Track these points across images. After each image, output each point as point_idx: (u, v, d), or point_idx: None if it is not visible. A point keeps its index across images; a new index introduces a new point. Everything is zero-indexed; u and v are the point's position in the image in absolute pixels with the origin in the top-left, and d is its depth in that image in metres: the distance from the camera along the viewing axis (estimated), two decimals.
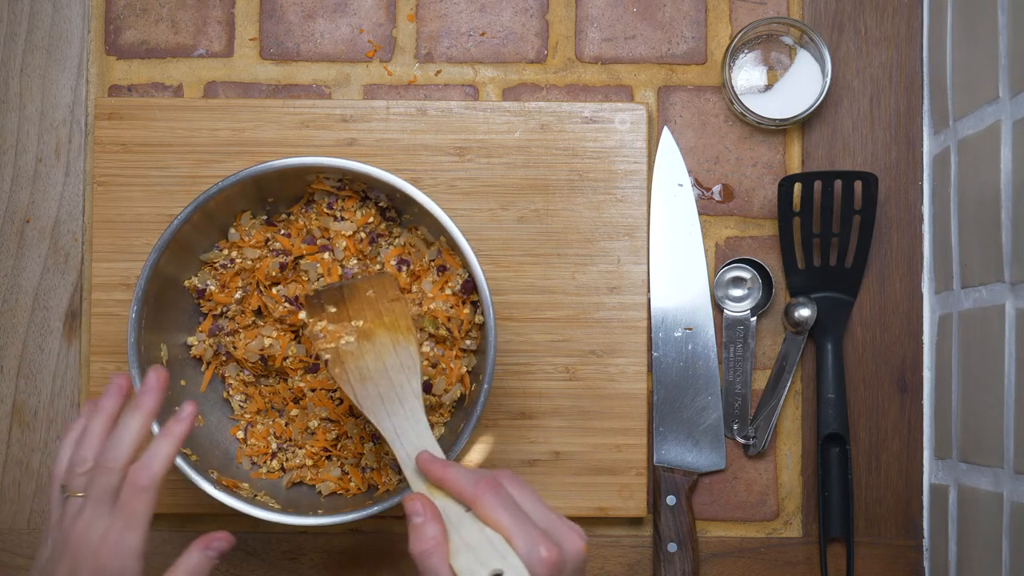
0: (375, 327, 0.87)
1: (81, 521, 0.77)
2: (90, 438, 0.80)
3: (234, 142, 1.01)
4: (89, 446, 0.79)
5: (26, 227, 1.03)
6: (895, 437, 1.02)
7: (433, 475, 0.77)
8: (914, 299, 1.03)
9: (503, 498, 0.74)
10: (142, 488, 0.77)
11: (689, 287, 1.02)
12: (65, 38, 1.04)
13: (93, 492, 0.77)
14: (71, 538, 0.77)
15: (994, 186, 0.88)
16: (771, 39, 1.03)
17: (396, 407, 0.83)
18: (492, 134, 1.01)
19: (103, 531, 0.76)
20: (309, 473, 0.96)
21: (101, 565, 0.76)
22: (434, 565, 0.73)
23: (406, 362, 0.85)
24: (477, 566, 0.72)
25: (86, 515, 0.77)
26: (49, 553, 0.78)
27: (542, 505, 0.76)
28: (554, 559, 0.72)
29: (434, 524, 0.74)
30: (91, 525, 0.76)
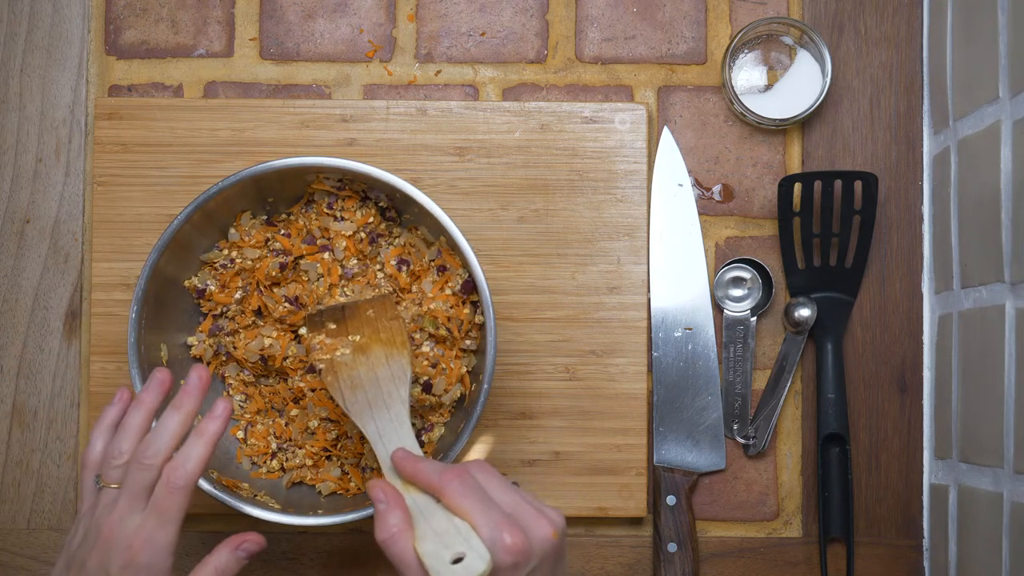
0: (371, 342, 0.88)
1: (116, 513, 0.78)
2: (128, 431, 0.81)
3: (234, 142, 1.01)
4: (126, 439, 0.80)
5: (26, 227, 1.03)
6: (895, 437, 1.02)
7: (406, 470, 0.78)
8: (914, 299, 1.03)
9: (468, 486, 0.75)
10: (177, 488, 0.78)
11: (689, 287, 1.02)
12: (65, 38, 1.04)
13: (129, 486, 0.78)
14: (104, 529, 0.77)
15: (994, 186, 0.88)
16: (771, 39, 1.03)
17: (382, 412, 0.84)
18: (492, 134, 1.01)
19: (137, 526, 0.77)
20: (309, 473, 0.96)
21: (133, 559, 0.77)
22: (399, 551, 0.74)
23: (397, 373, 0.86)
24: (441, 549, 0.73)
25: (120, 508, 0.78)
26: (80, 540, 0.79)
27: (512, 491, 0.76)
28: (518, 545, 0.72)
29: (397, 511, 0.75)
30: (125, 518, 0.77)
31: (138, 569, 0.77)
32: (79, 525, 0.80)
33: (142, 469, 0.78)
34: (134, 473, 0.78)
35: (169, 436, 0.79)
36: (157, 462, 0.78)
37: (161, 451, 0.79)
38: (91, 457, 0.82)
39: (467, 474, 0.76)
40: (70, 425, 1.02)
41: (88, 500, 0.81)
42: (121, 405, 0.84)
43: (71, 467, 1.02)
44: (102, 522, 0.78)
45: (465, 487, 0.75)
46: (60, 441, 1.02)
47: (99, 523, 0.78)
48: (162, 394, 0.83)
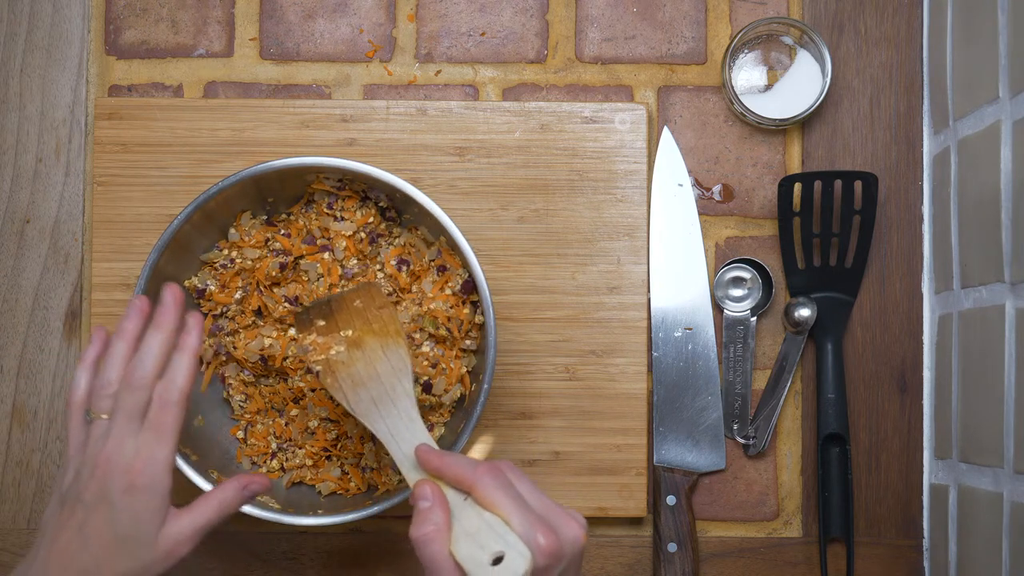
0: (364, 335, 0.87)
1: (111, 441, 0.77)
2: (113, 359, 0.80)
3: (234, 142, 1.01)
4: (113, 367, 0.80)
5: (26, 227, 1.03)
6: (895, 437, 1.02)
7: (431, 464, 0.77)
8: (914, 299, 1.03)
9: (502, 481, 0.74)
10: (171, 402, 0.78)
11: (689, 287, 1.02)
12: (65, 38, 1.04)
13: (122, 411, 0.78)
14: (100, 458, 0.77)
15: (994, 186, 0.88)
16: (771, 39, 1.03)
17: (390, 409, 0.83)
18: (492, 134, 1.01)
19: (135, 447, 0.77)
20: (309, 473, 0.96)
21: (133, 481, 0.76)
22: (434, 552, 0.72)
23: (397, 365, 0.85)
24: (477, 551, 0.71)
25: (115, 434, 0.77)
26: (73, 476, 0.78)
27: (540, 493, 0.75)
28: (552, 547, 0.71)
29: (440, 511, 0.74)
30: (122, 443, 0.77)
31: (140, 490, 0.76)
32: (70, 464, 0.79)
33: (133, 391, 0.78)
34: (125, 397, 0.78)
35: (154, 356, 0.79)
36: (147, 382, 0.78)
37: (149, 371, 0.78)
38: (76, 395, 0.81)
39: (499, 470, 0.75)
40: None
41: (76, 438, 0.80)
42: (99, 344, 0.83)
43: None
44: (97, 452, 0.77)
45: (498, 482, 0.73)
46: (60, 441, 1.02)
47: (94, 455, 0.77)
48: (142, 321, 0.82)
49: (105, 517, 0.76)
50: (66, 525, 0.77)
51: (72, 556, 0.76)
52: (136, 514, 0.76)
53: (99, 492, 0.76)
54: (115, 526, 0.76)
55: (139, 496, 0.76)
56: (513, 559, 0.70)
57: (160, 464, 0.77)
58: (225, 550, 1.02)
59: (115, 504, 0.76)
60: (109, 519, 0.76)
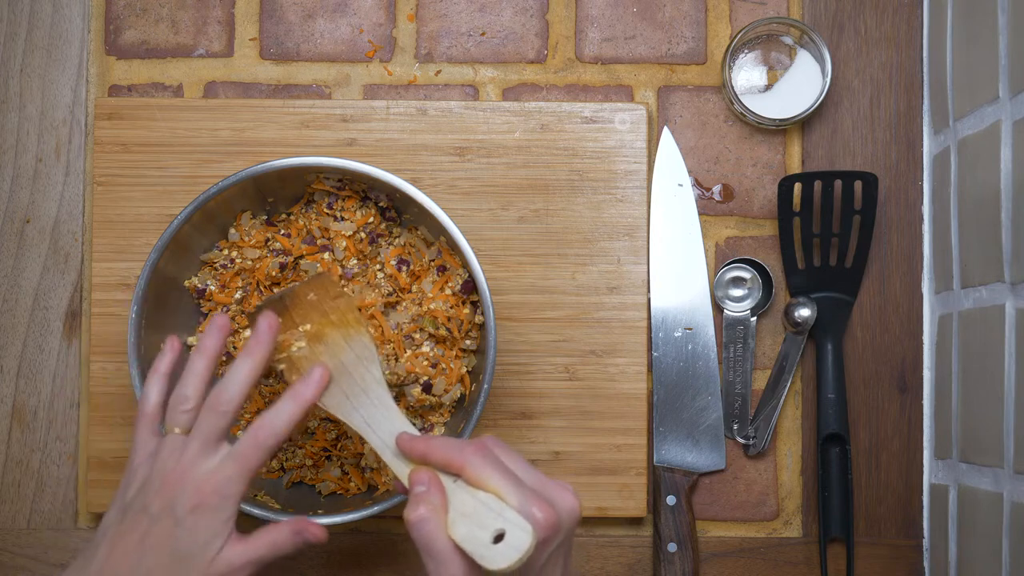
0: (323, 327, 0.85)
1: (186, 458, 0.77)
2: (192, 377, 0.80)
3: (234, 142, 1.01)
4: (191, 385, 0.80)
5: (26, 227, 1.03)
6: (895, 437, 1.02)
7: (416, 450, 0.76)
8: (914, 299, 1.03)
9: (491, 459, 0.73)
10: (264, 446, 0.78)
11: (689, 287, 1.02)
12: (65, 38, 1.04)
13: (201, 432, 0.78)
14: (173, 473, 0.77)
15: (994, 186, 0.88)
16: (771, 39, 1.03)
17: (362, 399, 0.82)
18: (492, 134, 1.01)
19: (211, 470, 0.77)
20: (309, 473, 0.96)
21: (203, 501, 0.76)
22: (429, 532, 0.71)
23: (362, 353, 0.84)
24: (477, 531, 0.71)
25: (191, 452, 0.77)
26: (139, 487, 0.78)
27: (529, 467, 0.74)
28: (551, 519, 0.70)
29: (435, 494, 0.73)
30: (196, 463, 0.77)
31: (207, 510, 0.76)
32: (135, 474, 0.79)
33: (216, 416, 0.78)
34: (208, 420, 0.78)
35: (241, 383, 0.79)
36: (231, 408, 0.78)
37: (235, 398, 0.78)
38: (148, 407, 0.81)
39: (486, 447, 0.74)
40: (70, 425, 1.02)
41: (144, 449, 0.80)
42: (173, 354, 0.83)
43: (71, 467, 1.02)
44: (169, 466, 0.77)
45: (488, 460, 0.73)
46: (60, 441, 1.02)
47: (164, 467, 0.77)
48: (223, 340, 0.82)
49: (168, 531, 0.76)
50: (127, 534, 0.77)
51: (129, 566, 0.76)
52: (198, 534, 0.76)
53: (166, 506, 0.76)
54: (176, 542, 0.76)
55: (205, 516, 0.76)
56: (516, 535, 0.69)
57: (233, 492, 0.77)
58: None
59: (180, 520, 0.76)
60: (171, 534, 0.76)
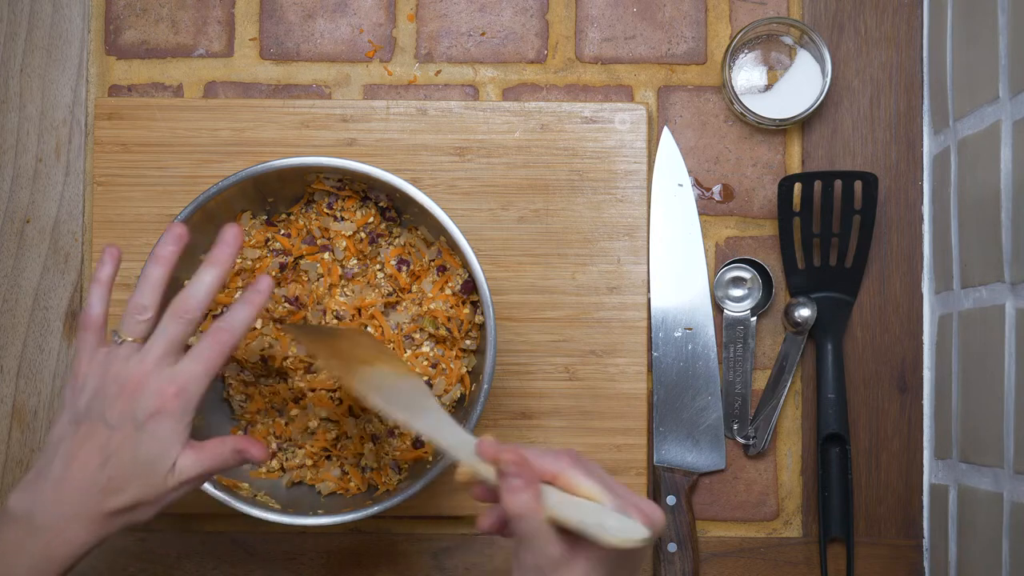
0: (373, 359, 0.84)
1: (145, 364, 0.77)
2: (148, 284, 0.80)
3: (234, 142, 1.01)
4: (147, 294, 0.79)
5: (26, 227, 1.03)
6: (895, 437, 1.02)
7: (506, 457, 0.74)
8: (914, 299, 1.03)
9: (587, 468, 0.74)
10: (224, 343, 0.78)
11: (689, 287, 1.02)
12: (65, 38, 1.04)
13: (163, 337, 0.78)
14: (130, 380, 0.77)
15: (994, 186, 0.88)
16: (771, 39, 1.03)
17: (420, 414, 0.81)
18: (492, 134, 1.01)
19: (171, 374, 0.77)
20: (309, 473, 0.96)
21: (164, 406, 0.76)
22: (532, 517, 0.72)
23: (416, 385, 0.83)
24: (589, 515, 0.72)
25: (151, 358, 0.77)
26: (92, 394, 0.78)
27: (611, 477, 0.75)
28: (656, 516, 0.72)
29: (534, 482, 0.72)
30: (158, 368, 0.77)
31: (169, 415, 0.76)
32: (84, 383, 0.78)
33: (181, 323, 0.78)
34: (171, 326, 0.78)
35: (207, 290, 0.79)
36: (196, 316, 0.78)
37: (200, 305, 0.78)
38: (93, 316, 0.80)
39: (578, 458, 0.75)
40: None
41: (92, 358, 0.79)
42: (113, 264, 0.82)
43: None
44: (129, 372, 0.77)
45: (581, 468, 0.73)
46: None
47: (121, 374, 0.77)
48: (180, 248, 0.81)
49: (128, 438, 0.76)
50: (85, 443, 0.77)
51: (90, 474, 0.76)
52: (159, 439, 0.76)
53: (126, 412, 0.76)
54: (137, 448, 0.76)
55: (166, 420, 0.76)
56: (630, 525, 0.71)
57: (194, 394, 0.77)
58: (225, 550, 1.02)
59: (141, 426, 0.76)
60: (132, 440, 0.76)
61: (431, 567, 1.01)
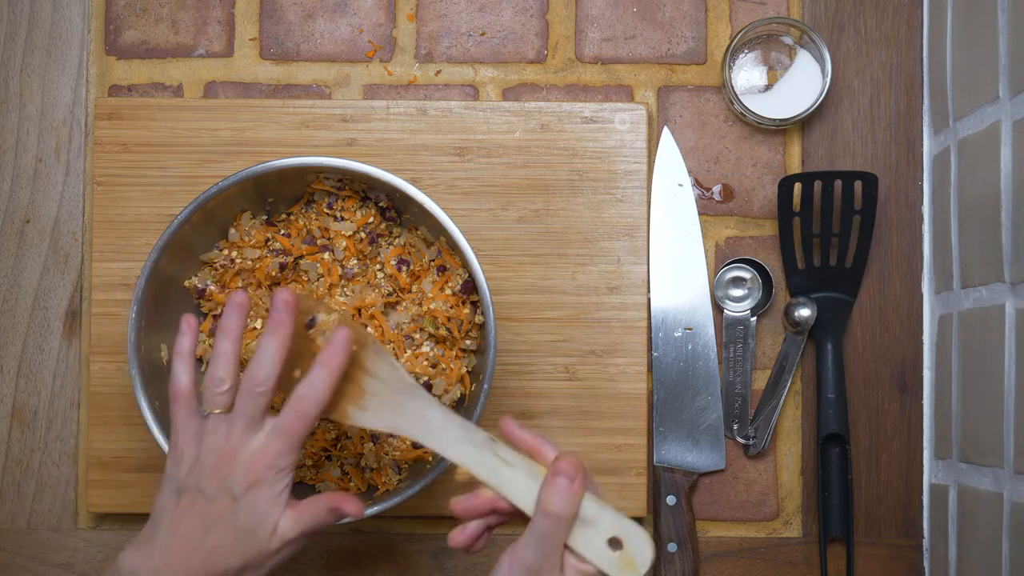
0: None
1: (233, 437, 0.79)
2: (222, 358, 0.81)
3: (234, 142, 1.01)
4: (222, 366, 0.81)
5: (26, 227, 1.03)
6: (895, 437, 1.02)
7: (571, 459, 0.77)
8: (914, 299, 1.03)
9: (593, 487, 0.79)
10: (307, 415, 0.79)
11: (689, 287, 1.02)
12: (65, 38, 1.04)
13: (243, 413, 0.79)
14: (223, 452, 0.78)
15: (994, 186, 0.88)
16: (771, 39, 1.03)
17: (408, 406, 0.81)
18: (492, 134, 1.01)
19: (261, 447, 0.78)
20: (309, 473, 0.96)
21: (259, 478, 0.78)
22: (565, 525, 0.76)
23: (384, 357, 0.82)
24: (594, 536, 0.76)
25: (237, 432, 0.79)
26: (190, 467, 0.79)
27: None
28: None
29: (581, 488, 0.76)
30: (244, 441, 0.78)
31: (263, 487, 0.78)
32: (182, 455, 0.80)
33: (254, 397, 0.79)
34: (248, 401, 0.79)
35: (271, 361, 0.80)
36: (267, 387, 0.79)
37: (269, 377, 0.79)
38: (182, 388, 0.82)
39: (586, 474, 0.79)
40: (70, 425, 1.02)
41: (187, 431, 0.81)
42: (192, 334, 0.84)
43: (71, 467, 1.02)
44: (218, 446, 0.79)
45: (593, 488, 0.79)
46: (60, 441, 1.02)
47: (213, 447, 0.79)
48: (244, 318, 0.83)
49: (227, 509, 0.78)
50: (187, 515, 0.78)
51: (195, 543, 0.77)
52: (257, 508, 0.78)
53: (222, 486, 0.78)
54: (236, 518, 0.78)
55: (262, 492, 0.78)
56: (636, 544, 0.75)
57: (285, 464, 0.79)
58: None
59: (238, 498, 0.78)
60: (231, 511, 0.78)
61: (431, 567, 1.01)
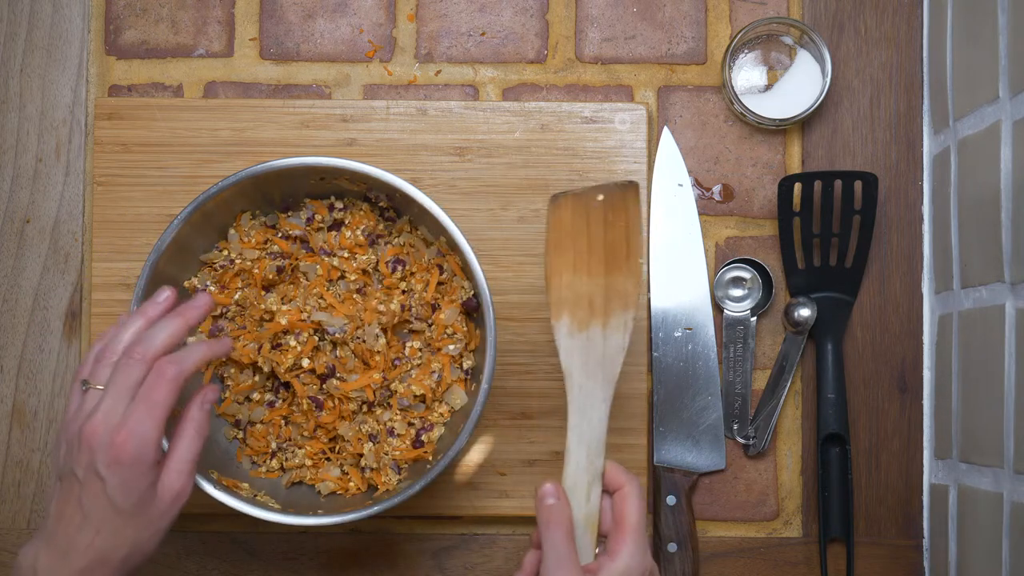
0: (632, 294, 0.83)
1: (99, 412, 0.75)
2: (124, 333, 0.79)
3: (234, 142, 1.01)
4: (120, 340, 0.78)
5: (26, 227, 1.03)
6: (895, 437, 1.02)
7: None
8: (914, 299, 1.03)
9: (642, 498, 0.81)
10: (168, 378, 0.76)
11: (689, 287, 1.02)
12: (65, 38, 1.04)
13: (114, 384, 0.76)
14: (86, 432, 0.75)
15: (994, 186, 0.88)
16: (771, 39, 1.03)
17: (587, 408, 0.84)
18: (492, 134, 1.01)
19: (120, 419, 0.75)
20: (309, 473, 0.96)
21: (119, 455, 0.74)
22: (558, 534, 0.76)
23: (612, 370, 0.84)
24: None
25: (105, 405, 0.75)
26: (65, 449, 0.77)
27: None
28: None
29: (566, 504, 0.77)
30: (109, 414, 0.75)
31: (126, 464, 0.74)
32: (62, 434, 0.78)
33: (132, 364, 0.76)
34: (123, 369, 0.76)
35: (164, 335, 0.77)
36: (148, 357, 0.76)
37: (154, 346, 0.76)
38: (82, 368, 0.80)
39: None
40: None
41: (70, 407, 0.78)
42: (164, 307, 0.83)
43: None
44: (85, 424, 0.75)
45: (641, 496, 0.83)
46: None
47: (82, 426, 0.76)
48: (165, 311, 0.81)
49: (98, 490, 0.75)
50: (67, 500, 0.76)
51: (77, 530, 0.75)
52: (127, 485, 0.75)
53: (89, 466, 0.75)
54: (111, 499, 0.75)
55: (126, 469, 0.75)
56: None
57: (145, 437, 0.75)
58: (225, 550, 1.02)
59: (106, 478, 0.74)
60: (103, 492, 0.75)
61: (431, 567, 1.01)
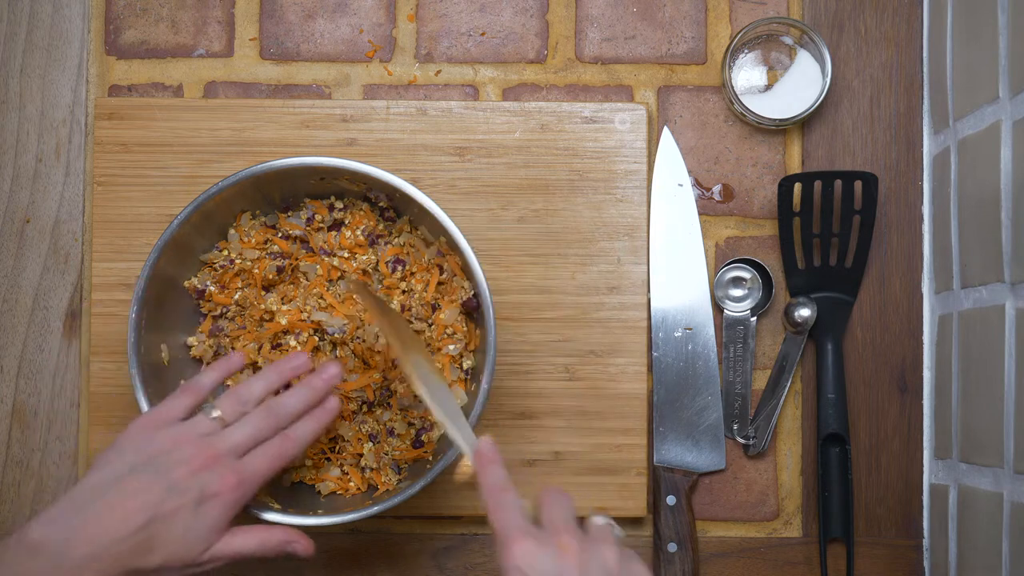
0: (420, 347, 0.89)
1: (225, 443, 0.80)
2: (264, 383, 0.84)
3: (234, 142, 1.01)
4: (260, 389, 0.84)
5: (26, 227, 1.03)
6: (895, 437, 1.02)
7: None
8: (914, 299, 1.03)
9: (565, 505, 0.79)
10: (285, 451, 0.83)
11: (689, 287, 1.02)
12: (65, 38, 1.04)
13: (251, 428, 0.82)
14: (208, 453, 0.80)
15: (994, 186, 0.88)
16: (771, 39, 1.03)
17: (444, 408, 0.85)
18: (492, 134, 1.01)
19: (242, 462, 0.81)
20: (309, 473, 0.96)
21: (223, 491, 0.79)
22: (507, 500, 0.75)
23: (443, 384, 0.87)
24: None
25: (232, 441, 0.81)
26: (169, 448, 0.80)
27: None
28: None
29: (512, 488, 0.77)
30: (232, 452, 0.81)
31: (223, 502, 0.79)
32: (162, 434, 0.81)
33: (270, 420, 0.82)
34: (263, 420, 0.82)
35: (298, 405, 0.84)
36: (284, 423, 0.83)
37: (290, 415, 0.83)
38: (204, 383, 0.85)
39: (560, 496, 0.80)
40: (70, 425, 1.02)
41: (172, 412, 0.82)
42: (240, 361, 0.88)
43: (71, 467, 1.02)
44: (210, 443, 0.80)
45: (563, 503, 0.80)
46: (60, 441, 1.02)
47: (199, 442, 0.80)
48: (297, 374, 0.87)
49: (182, 508, 0.78)
50: (140, 494, 0.78)
51: (130, 528, 0.77)
52: (210, 521, 0.79)
53: (190, 482, 0.78)
54: (188, 522, 0.78)
55: (221, 507, 0.79)
56: None
57: (250, 488, 0.81)
58: None
59: (199, 502, 0.79)
60: (185, 512, 0.78)
61: (431, 567, 1.01)
